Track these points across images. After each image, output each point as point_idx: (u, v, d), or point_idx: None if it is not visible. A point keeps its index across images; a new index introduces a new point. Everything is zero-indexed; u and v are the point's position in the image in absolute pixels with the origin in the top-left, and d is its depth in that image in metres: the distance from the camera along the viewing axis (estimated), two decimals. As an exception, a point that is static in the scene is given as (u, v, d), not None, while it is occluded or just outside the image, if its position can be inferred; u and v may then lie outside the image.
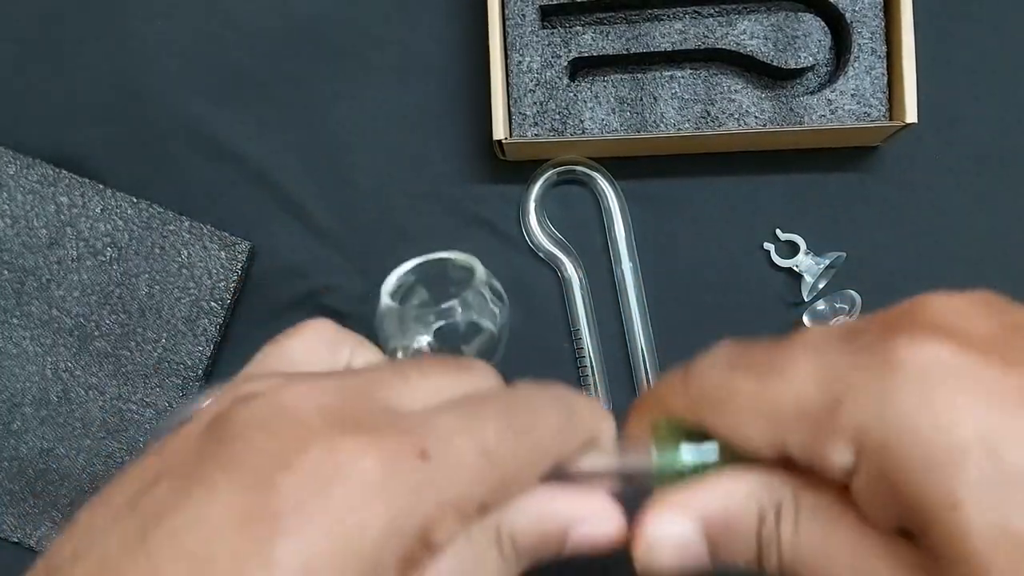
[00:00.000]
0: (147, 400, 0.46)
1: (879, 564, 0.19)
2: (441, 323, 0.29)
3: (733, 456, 0.22)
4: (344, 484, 0.17)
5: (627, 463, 0.22)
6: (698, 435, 0.22)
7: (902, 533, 0.19)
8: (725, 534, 0.21)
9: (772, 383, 0.20)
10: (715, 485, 0.21)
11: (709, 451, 0.22)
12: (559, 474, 0.22)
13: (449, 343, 0.29)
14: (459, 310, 0.29)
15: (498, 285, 0.30)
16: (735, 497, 0.21)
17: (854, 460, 0.19)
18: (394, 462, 0.18)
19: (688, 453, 0.22)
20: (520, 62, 0.45)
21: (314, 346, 0.25)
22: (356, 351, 0.26)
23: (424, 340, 0.29)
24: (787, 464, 0.20)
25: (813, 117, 0.44)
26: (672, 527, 0.21)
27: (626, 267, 0.47)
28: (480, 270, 0.30)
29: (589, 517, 0.21)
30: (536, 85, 0.45)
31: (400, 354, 0.29)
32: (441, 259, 0.31)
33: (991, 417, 0.17)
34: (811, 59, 0.44)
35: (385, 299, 0.31)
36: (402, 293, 0.32)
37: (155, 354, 0.46)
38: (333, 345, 0.25)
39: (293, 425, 0.18)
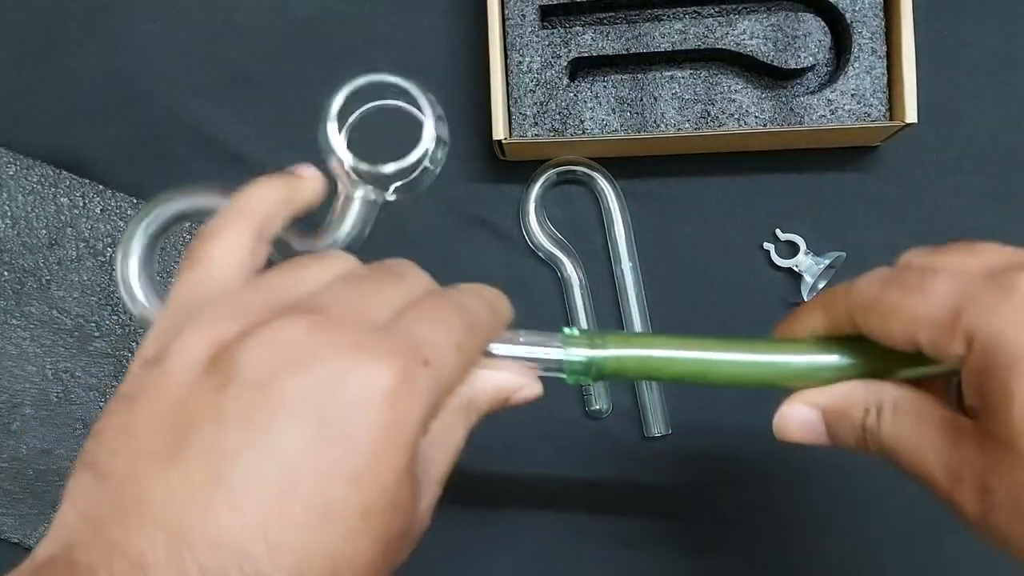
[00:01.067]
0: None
1: (953, 448, 0.25)
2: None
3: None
4: (383, 402, 0.21)
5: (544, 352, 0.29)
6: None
7: (978, 430, 0.25)
8: (839, 421, 0.28)
9: (915, 299, 0.25)
10: (836, 387, 0.28)
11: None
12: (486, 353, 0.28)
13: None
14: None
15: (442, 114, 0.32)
16: (849, 397, 0.28)
17: (964, 353, 0.24)
18: (410, 374, 0.22)
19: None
20: (520, 62, 0.45)
21: (234, 255, 0.27)
22: (263, 245, 0.28)
23: (349, 159, 0.32)
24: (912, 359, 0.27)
25: (813, 117, 0.44)
26: (800, 411, 0.28)
27: (626, 267, 0.47)
28: (428, 109, 0.32)
29: (527, 386, 0.28)
30: (536, 85, 0.45)
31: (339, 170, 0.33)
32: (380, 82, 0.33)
33: None
34: (811, 59, 0.44)
35: (331, 123, 0.33)
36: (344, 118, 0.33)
37: (155, 354, 0.46)
38: (251, 246, 0.28)
39: (320, 359, 0.21)
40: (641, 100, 0.45)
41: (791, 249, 0.46)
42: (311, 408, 0.21)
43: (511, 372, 0.28)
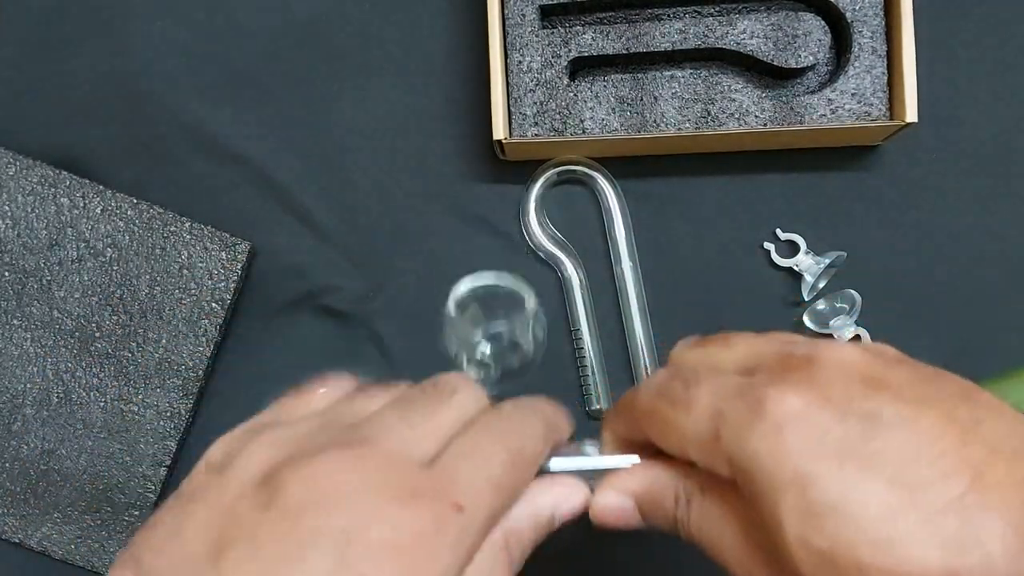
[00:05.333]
0: (148, 401, 0.46)
1: (750, 554, 0.25)
2: (493, 338, 0.34)
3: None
4: (407, 550, 0.22)
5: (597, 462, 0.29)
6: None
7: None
8: (651, 507, 0.28)
9: (680, 416, 0.26)
10: (647, 471, 0.28)
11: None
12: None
13: (497, 354, 0.35)
14: (506, 331, 0.34)
15: (542, 314, 0.36)
16: (657, 484, 0.28)
17: (730, 474, 0.25)
18: (441, 521, 0.23)
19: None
20: (520, 62, 0.45)
21: (332, 396, 0.29)
22: (370, 399, 0.29)
23: (485, 349, 0.34)
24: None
25: (813, 116, 0.44)
26: (613, 499, 0.28)
27: (626, 267, 0.47)
28: (532, 302, 0.36)
29: (565, 499, 0.28)
30: (536, 85, 0.45)
31: (464, 359, 0.35)
32: (496, 285, 0.37)
33: (808, 461, 0.22)
34: (811, 58, 0.44)
35: (451, 309, 0.36)
36: (463, 305, 0.36)
37: (156, 355, 0.46)
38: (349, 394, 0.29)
39: (354, 499, 0.22)
40: (641, 100, 0.45)
41: (791, 249, 0.46)
42: (337, 546, 0.21)
43: (553, 487, 0.28)
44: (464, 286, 0.36)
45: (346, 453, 0.23)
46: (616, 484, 0.29)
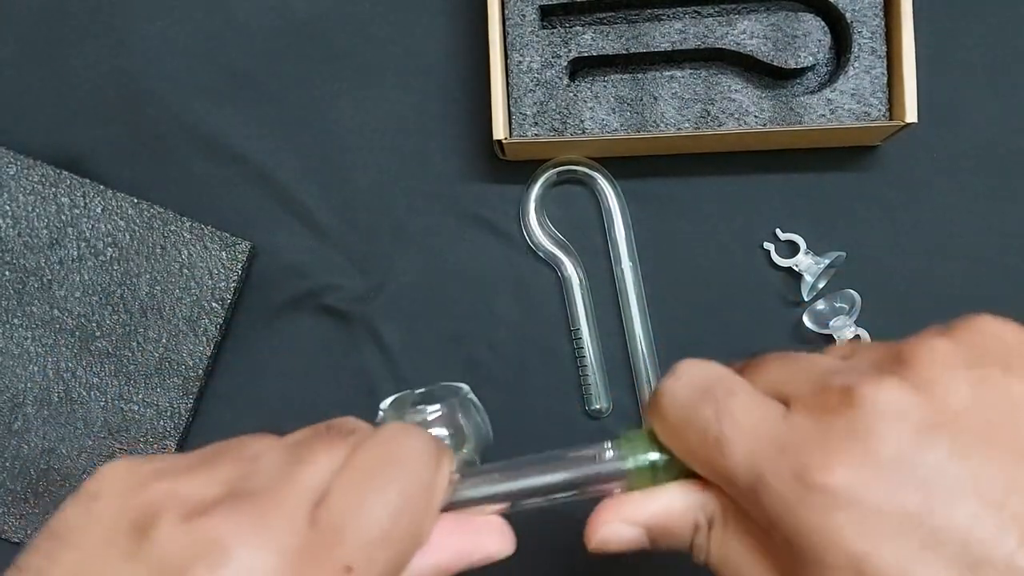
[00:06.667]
0: (148, 400, 0.46)
1: None
2: (432, 422, 0.32)
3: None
4: None
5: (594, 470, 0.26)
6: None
7: None
8: (664, 536, 0.26)
9: (713, 453, 0.24)
10: (660, 497, 0.26)
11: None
12: (454, 503, 0.26)
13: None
14: (443, 412, 0.32)
15: (480, 407, 0.34)
16: (675, 510, 0.25)
17: (769, 528, 0.23)
18: None
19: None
20: (520, 62, 0.45)
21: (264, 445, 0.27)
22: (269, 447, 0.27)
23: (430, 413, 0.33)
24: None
25: (813, 117, 0.44)
26: (621, 530, 0.26)
27: (626, 267, 0.47)
28: (465, 388, 0.35)
29: (477, 545, 0.26)
30: (536, 85, 0.45)
31: None
32: (431, 388, 0.36)
33: (863, 542, 0.21)
34: (811, 59, 0.44)
35: (382, 412, 0.35)
36: (396, 406, 0.35)
37: (156, 354, 0.46)
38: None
39: (234, 562, 0.21)
40: (641, 100, 0.45)
41: (791, 249, 0.46)
42: None
43: (463, 531, 0.26)
44: (390, 398, 0.35)
45: (230, 508, 0.22)
46: (625, 514, 0.26)
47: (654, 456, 0.26)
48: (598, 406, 0.46)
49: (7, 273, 0.46)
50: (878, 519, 0.21)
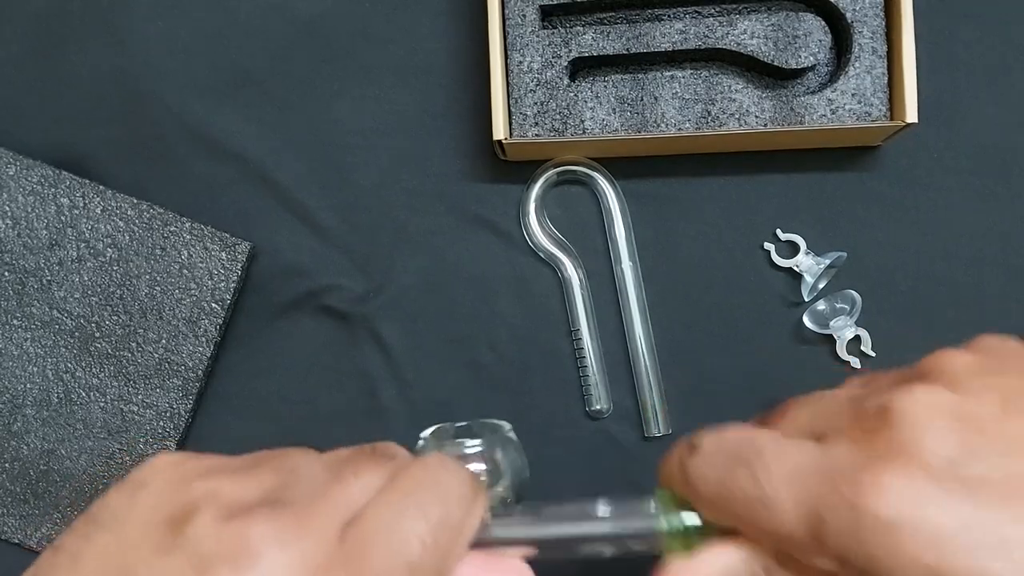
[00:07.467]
0: (148, 401, 0.46)
1: None
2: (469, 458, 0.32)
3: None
4: None
5: (629, 526, 0.26)
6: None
7: None
8: None
9: (760, 512, 0.23)
10: (715, 556, 0.25)
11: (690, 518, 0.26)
12: (481, 541, 0.26)
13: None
14: (483, 448, 0.33)
15: (519, 445, 0.34)
16: (732, 566, 0.25)
17: (838, 569, 0.23)
18: None
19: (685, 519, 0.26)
20: (520, 62, 0.45)
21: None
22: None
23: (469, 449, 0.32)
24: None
25: (814, 117, 0.44)
26: None
27: (626, 267, 0.47)
28: (506, 426, 0.35)
29: None
30: (536, 85, 0.45)
31: None
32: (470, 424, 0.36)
33: (937, 556, 0.20)
34: (812, 59, 0.44)
35: (422, 440, 0.35)
36: (437, 436, 0.35)
37: (156, 355, 0.46)
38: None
39: (263, 570, 0.21)
40: (641, 100, 0.45)
41: (791, 249, 0.46)
42: None
43: (487, 572, 0.26)
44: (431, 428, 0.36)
45: (266, 515, 0.22)
46: (686, 571, 0.26)
47: (692, 515, 0.26)
48: (598, 407, 0.46)
49: (6, 274, 0.46)
50: (942, 530, 0.21)
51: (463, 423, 0.35)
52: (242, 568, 0.21)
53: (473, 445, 0.32)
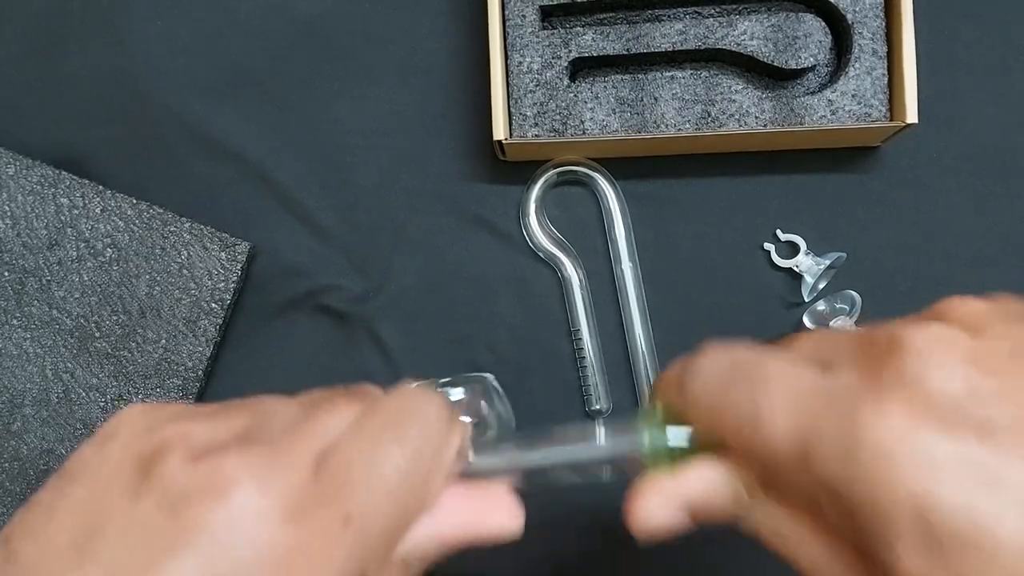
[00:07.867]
0: (147, 401, 0.46)
1: (833, 556, 0.22)
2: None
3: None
4: (286, 563, 0.21)
5: (617, 446, 0.26)
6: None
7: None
8: (705, 511, 0.25)
9: (749, 430, 0.23)
10: (697, 473, 0.25)
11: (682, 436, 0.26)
12: (465, 472, 0.25)
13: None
14: (467, 397, 0.33)
15: (503, 395, 0.34)
16: (714, 484, 0.25)
17: (827, 500, 0.22)
18: (326, 536, 0.21)
19: (671, 437, 0.26)
20: (520, 62, 0.45)
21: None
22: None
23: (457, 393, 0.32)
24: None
25: (813, 117, 0.44)
26: (661, 511, 0.25)
27: (626, 267, 0.47)
28: (490, 377, 0.35)
29: (484, 520, 0.25)
30: (536, 85, 0.45)
31: None
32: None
33: (929, 490, 0.20)
34: (812, 59, 0.44)
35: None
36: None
37: (155, 355, 0.46)
38: None
39: (237, 504, 0.21)
40: (641, 100, 0.45)
41: (791, 249, 0.46)
42: (210, 550, 0.20)
43: (470, 501, 0.25)
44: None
45: (237, 452, 0.22)
46: (665, 491, 0.25)
47: (678, 435, 0.26)
48: (598, 406, 0.46)
49: (6, 274, 0.46)
50: (937, 460, 0.20)
51: (447, 379, 0.35)
52: (215, 503, 0.21)
53: (457, 394, 0.32)
